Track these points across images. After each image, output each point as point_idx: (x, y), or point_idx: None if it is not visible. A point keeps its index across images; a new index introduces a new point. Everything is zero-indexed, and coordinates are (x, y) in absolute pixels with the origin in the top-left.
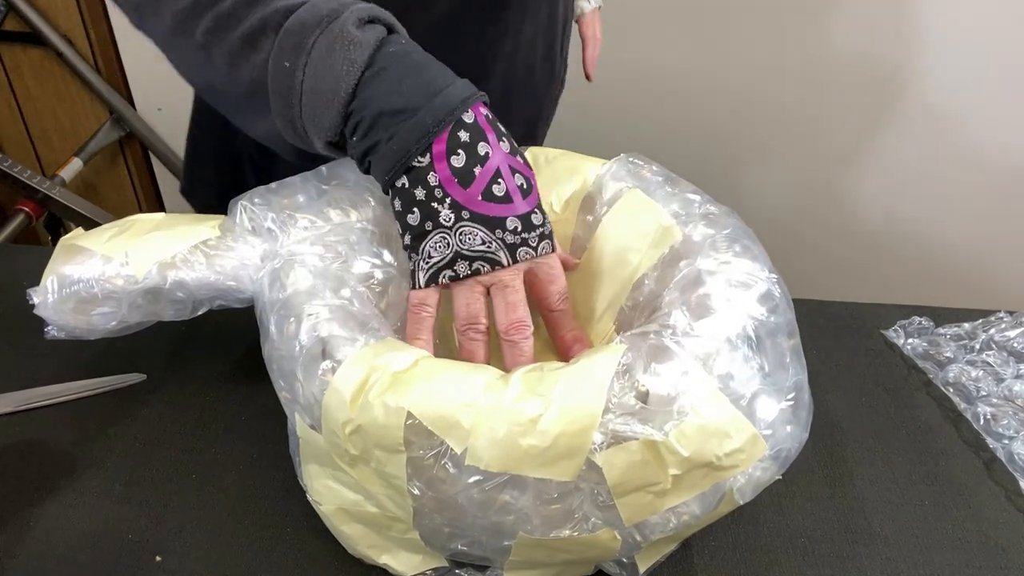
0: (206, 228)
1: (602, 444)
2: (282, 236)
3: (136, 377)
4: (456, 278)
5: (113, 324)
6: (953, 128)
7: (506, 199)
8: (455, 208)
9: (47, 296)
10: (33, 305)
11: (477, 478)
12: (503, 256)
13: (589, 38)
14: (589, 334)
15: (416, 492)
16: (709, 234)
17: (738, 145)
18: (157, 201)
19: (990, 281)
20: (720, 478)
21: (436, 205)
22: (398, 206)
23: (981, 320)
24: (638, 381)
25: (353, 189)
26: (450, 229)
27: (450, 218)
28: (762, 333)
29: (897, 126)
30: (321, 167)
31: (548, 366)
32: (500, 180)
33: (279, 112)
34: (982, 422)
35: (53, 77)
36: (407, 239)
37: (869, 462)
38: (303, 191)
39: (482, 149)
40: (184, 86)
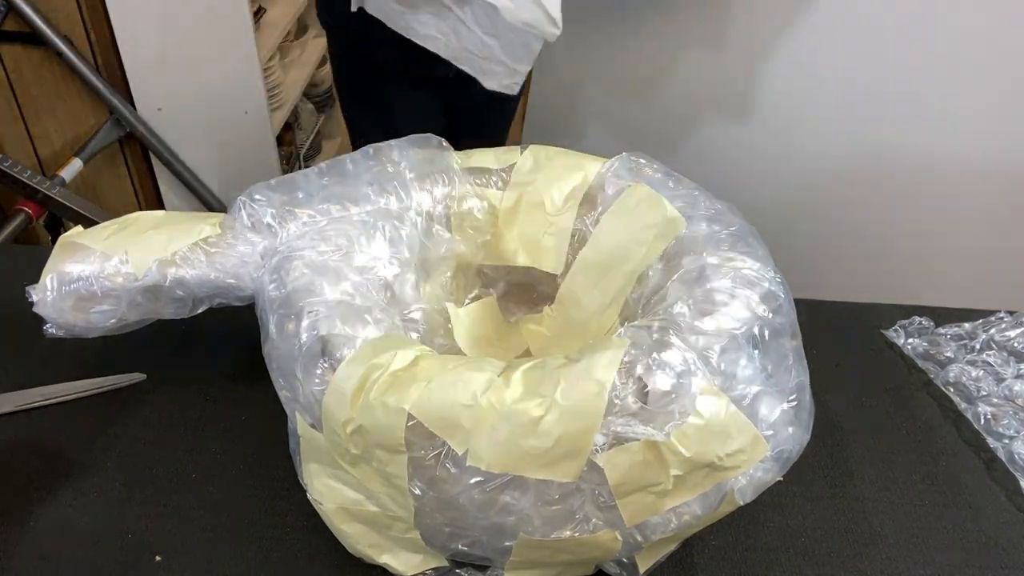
0: (206, 226)
1: (604, 445)
2: (282, 232)
3: (136, 377)
4: None
5: (112, 322)
6: (953, 128)
7: None
8: None
9: (46, 294)
10: (33, 304)
11: (478, 479)
12: None
13: None
14: (593, 326)
15: (417, 492)
16: (714, 231)
17: (738, 145)
18: (157, 201)
19: (990, 281)
20: (721, 479)
21: None
22: None
23: (981, 320)
24: (640, 379)
25: (352, 184)
26: None
27: None
28: (766, 333)
29: (898, 125)
30: (321, 163)
31: (550, 363)
32: None
33: None
34: (982, 422)
35: (53, 77)
36: None
37: (869, 462)
38: (303, 187)
39: None
40: (184, 86)
